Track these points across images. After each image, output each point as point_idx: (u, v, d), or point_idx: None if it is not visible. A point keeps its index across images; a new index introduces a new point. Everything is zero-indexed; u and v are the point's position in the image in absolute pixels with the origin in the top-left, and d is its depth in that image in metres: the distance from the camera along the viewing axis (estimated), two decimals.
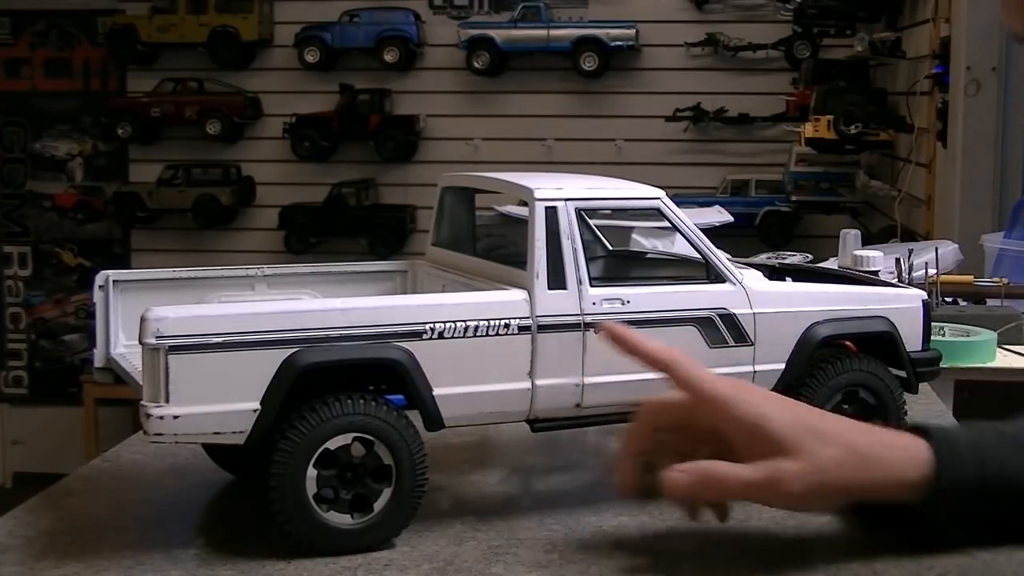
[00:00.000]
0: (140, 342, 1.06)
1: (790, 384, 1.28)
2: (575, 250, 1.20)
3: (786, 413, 1.09)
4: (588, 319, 1.20)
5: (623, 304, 1.21)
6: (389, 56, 5.48)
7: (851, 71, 4.80)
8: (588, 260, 1.21)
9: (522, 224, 1.22)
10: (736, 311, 1.26)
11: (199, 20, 5.50)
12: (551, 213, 1.20)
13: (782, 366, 1.28)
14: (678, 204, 1.28)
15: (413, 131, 5.56)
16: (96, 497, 1.29)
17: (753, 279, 1.29)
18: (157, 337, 1.05)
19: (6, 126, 6.02)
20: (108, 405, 5.39)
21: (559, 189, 1.21)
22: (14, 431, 6.11)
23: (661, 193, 1.27)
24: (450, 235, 1.41)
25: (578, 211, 1.21)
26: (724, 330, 1.25)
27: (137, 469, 1.38)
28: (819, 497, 1.08)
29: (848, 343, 1.32)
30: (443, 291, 1.31)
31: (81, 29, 5.92)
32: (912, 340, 1.34)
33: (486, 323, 1.16)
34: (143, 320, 1.06)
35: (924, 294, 1.37)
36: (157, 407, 1.06)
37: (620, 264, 1.42)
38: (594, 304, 1.20)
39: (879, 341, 1.33)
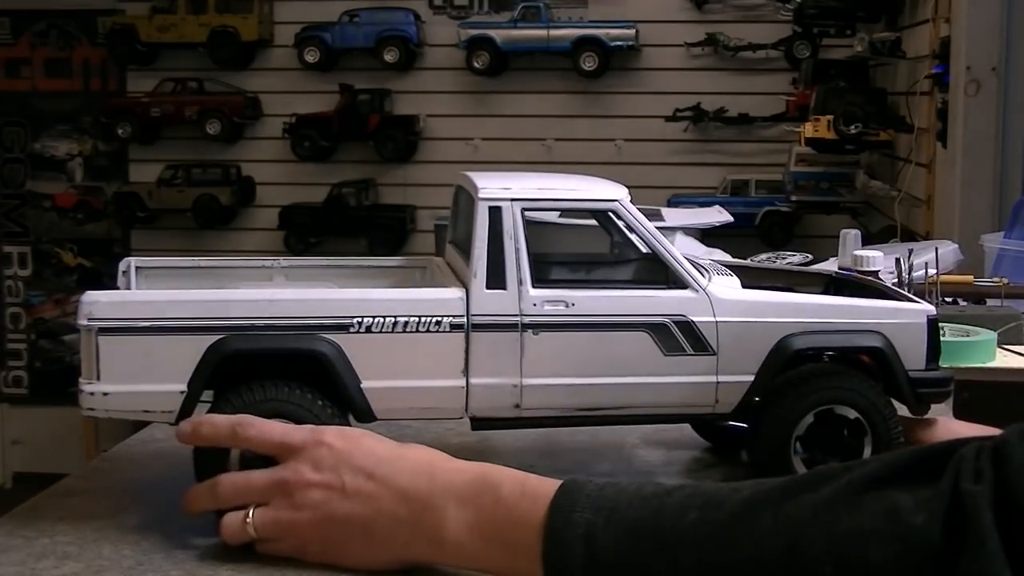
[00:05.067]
0: (75, 324, 1.15)
1: (760, 397, 1.24)
2: (518, 250, 1.19)
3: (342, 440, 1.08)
4: (527, 320, 1.19)
5: (567, 307, 1.20)
6: (389, 56, 5.48)
7: (851, 71, 4.79)
8: (535, 261, 1.20)
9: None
10: (695, 318, 1.22)
11: (199, 20, 5.50)
12: (495, 213, 1.20)
13: (750, 378, 1.24)
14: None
15: (413, 131, 5.56)
16: (96, 497, 1.29)
17: (722, 286, 1.24)
18: (89, 319, 1.14)
19: (6, 126, 6.02)
20: None
21: (506, 189, 1.21)
22: (14, 431, 6.11)
23: (621, 194, 1.24)
24: (465, 233, 1.40)
25: (524, 212, 1.21)
26: (681, 337, 1.22)
27: (137, 469, 1.38)
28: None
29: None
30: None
31: (81, 29, 5.91)
32: (912, 358, 1.27)
33: (416, 319, 1.17)
34: (79, 303, 1.14)
35: (931, 308, 1.29)
36: (89, 384, 1.16)
37: (573, 266, 1.37)
38: (535, 305, 1.19)
39: (868, 356, 1.27)
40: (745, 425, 1.31)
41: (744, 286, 1.27)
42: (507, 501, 1.00)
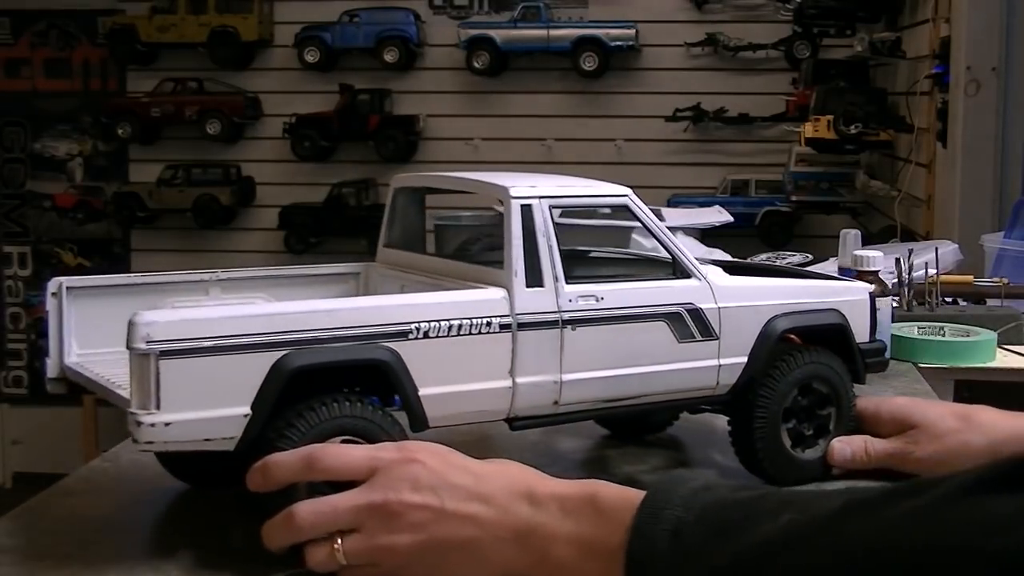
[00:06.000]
0: (128, 347, 1.03)
1: (753, 377, 1.30)
2: (551, 247, 1.20)
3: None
4: (565, 316, 1.20)
5: (597, 300, 1.22)
6: (389, 56, 5.48)
7: (851, 71, 4.80)
8: (562, 258, 1.21)
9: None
10: (702, 306, 1.27)
11: (199, 20, 5.50)
12: (527, 211, 1.20)
13: (745, 359, 1.30)
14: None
15: (413, 131, 5.56)
16: (96, 497, 1.29)
17: (716, 274, 1.30)
18: (148, 342, 1.02)
19: (6, 126, 6.02)
20: (108, 405, 5.36)
21: (533, 187, 1.22)
22: (14, 431, 6.11)
23: (628, 191, 1.28)
24: (403, 236, 1.41)
25: (551, 209, 1.22)
26: (691, 324, 1.27)
27: (137, 469, 1.38)
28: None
29: (792, 336, 1.34)
30: (403, 292, 1.31)
31: (81, 29, 5.91)
32: (860, 332, 1.38)
33: (469, 322, 1.16)
34: (131, 324, 1.02)
35: (871, 287, 1.41)
36: (148, 415, 1.03)
37: (592, 262, 1.42)
38: (570, 301, 1.20)
39: (831, 333, 1.36)
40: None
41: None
42: (606, 512, 0.97)
